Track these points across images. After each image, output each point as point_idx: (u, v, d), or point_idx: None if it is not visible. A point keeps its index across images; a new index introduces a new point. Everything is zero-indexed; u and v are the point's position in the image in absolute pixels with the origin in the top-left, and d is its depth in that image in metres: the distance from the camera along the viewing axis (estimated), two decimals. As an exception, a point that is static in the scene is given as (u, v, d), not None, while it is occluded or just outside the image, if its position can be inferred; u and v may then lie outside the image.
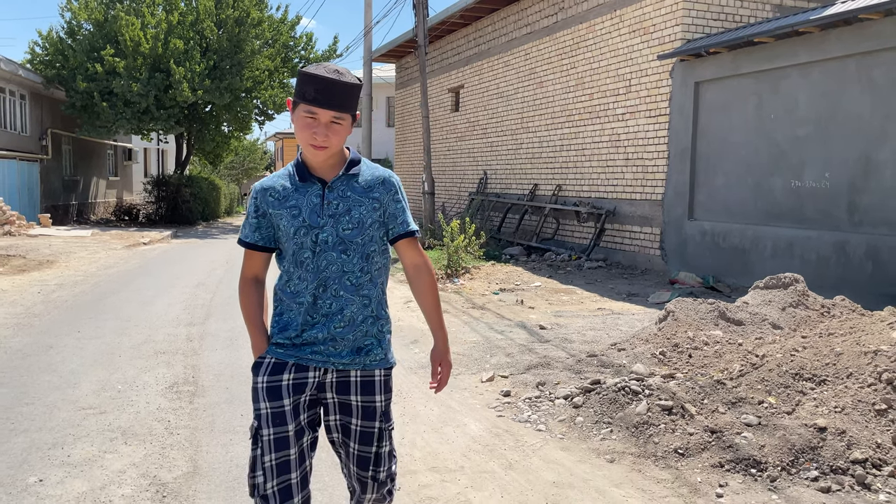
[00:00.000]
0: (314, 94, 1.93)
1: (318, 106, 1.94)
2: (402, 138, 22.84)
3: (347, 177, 2.07)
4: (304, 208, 2.04)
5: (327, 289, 2.05)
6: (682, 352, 5.17)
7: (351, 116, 2.00)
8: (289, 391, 2.03)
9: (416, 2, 14.39)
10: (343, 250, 2.04)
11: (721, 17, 10.63)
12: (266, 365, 2.06)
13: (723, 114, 9.87)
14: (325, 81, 1.93)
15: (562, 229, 13.49)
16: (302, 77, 1.97)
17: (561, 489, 3.19)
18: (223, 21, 21.52)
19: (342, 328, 2.05)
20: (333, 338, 2.05)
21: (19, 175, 20.28)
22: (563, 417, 4.08)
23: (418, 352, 5.84)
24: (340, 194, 2.05)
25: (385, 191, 2.09)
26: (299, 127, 1.99)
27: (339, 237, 2.03)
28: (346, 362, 2.07)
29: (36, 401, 4.45)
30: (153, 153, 36.18)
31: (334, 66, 1.98)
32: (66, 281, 9.58)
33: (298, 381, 2.05)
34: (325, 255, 2.04)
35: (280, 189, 2.07)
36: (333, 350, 2.06)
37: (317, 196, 2.05)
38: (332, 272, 2.04)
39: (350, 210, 2.04)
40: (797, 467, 3.32)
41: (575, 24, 13.06)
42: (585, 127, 12.80)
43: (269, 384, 2.03)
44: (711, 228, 10.01)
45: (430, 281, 2.17)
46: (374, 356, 2.10)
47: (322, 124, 1.96)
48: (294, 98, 2.00)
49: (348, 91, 1.95)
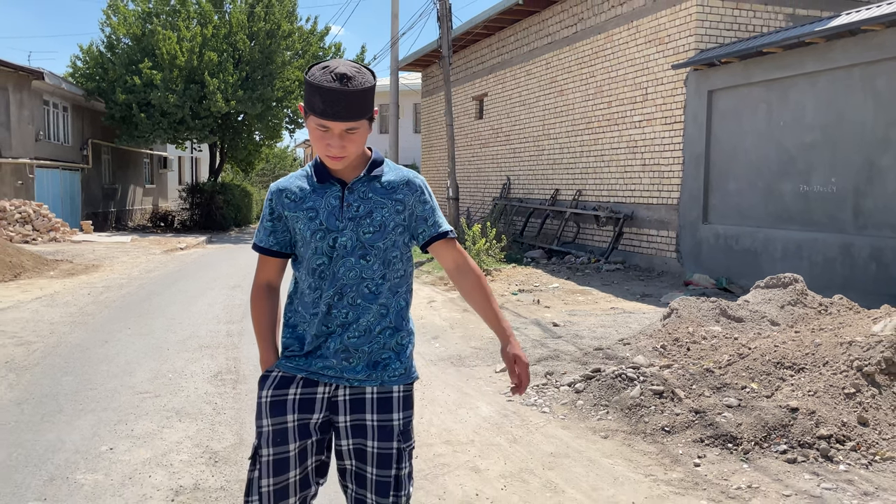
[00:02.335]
0: (322, 107, 1.78)
1: (328, 119, 1.79)
2: (427, 145, 23.39)
3: (369, 178, 1.93)
4: (321, 210, 1.91)
5: (343, 297, 1.90)
6: (681, 345, 5.58)
7: (367, 119, 1.85)
8: (294, 407, 1.89)
9: (441, 15, 14.92)
10: (363, 255, 1.90)
11: (734, 27, 10.98)
12: (273, 378, 1.94)
13: (735, 121, 10.22)
14: (331, 93, 1.77)
15: (582, 233, 13.89)
16: (308, 87, 1.81)
17: (557, 458, 3.66)
18: (255, 33, 22.31)
19: (356, 338, 1.90)
20: (346, 349, 1.90)
21: (62, 184, 21.25)
22: (566, 401, 4.54)
23: (438, 346, 6.34)
24: (361, 196, 1.91)
25: (410, 192, 1.95)
26: (314, 139, 1.86)
27: (359, 241, 1.89)
28: (361, 378, 1.91)
29: (98, 386, 5.03)
30: (187, 161, 37.26)
31: (342, 69, 1.80)
32: (112, 283, 10.25)
33: (306, 397, 1.91)
34: (343, 261, 1.90)
35: (297, 190, 1.95)
36: (347, 364, 1.91)
37: (336, 198, 1.91)
38: (351, 279, 1.90)
39: (371, 213, 1.90)
40: (769, 442, 3.74)
41: (594, 35, 13.49)
42: (604, 134, 13.20)
43: (272, 398, 1.91)
44: (725, 231, 10.35)
45: (476, 279, 2.01)
46: (393, 371, 1.93)
47: (336, 135, 1.82)
48: (304, 107, 1.86)
49: (360, 98, 1.79)
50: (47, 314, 7.70)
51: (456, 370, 5.53)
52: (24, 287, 9.66)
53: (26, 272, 10.89)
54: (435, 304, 8.26)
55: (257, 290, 2.04)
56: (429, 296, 8.73)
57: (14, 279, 10.38)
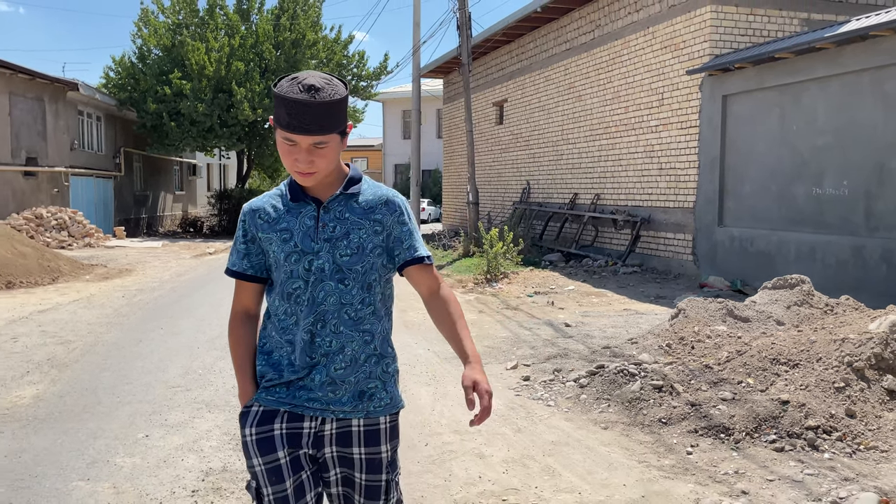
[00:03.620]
0: (288, 119, 1.70)
1: (293, 132, 1.70)
2: (449, 150, 23.70)
3: (345, 196, 1.85)
4: (296, 231, 1.82)
5: (326, 324, 1.81)
6: (686, 344, 5.79)
7: (339, 134, 1.77)
8: (283, 441, 1.80)
9: (461, 24, 15.23)
10: (341, 279, 1.81)
11: (749, 32, 11.12)
12: (254, 415, 1.83)
13: (749, 125, 10.37)
14: (297, 105, 1.68)
15: (600, 236, 14.08)
16: (276, 99, 1.73)
17: (557, 446, 3.91)
18: (281, 43, 22.84)
19: (343, 369, 1.82)
20: (333, 381, 1.81)
21: (96, 191, 21.94)
22: (570, 395, 4.79)
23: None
24: (337, 216, 1.83)
25: (388, 212, 1.86)
26: (281, 152, 1.77)
27: (336, 264, 1.81)
28: (348, 410, 1.83)
29: (134, 381, 5.39)
30: (216, 168, 38.06)
31: (311, 80, 1.71)
32: (144, 286, 10.70)
33: (293, 432, 1.82)
34: (321, 286, 1.81)
35: (270, 210, 1.86)
36: (333, 396, 1.82)
37: (311, 218, 1.82)
38: (331, 304, 1.81)
39: (348, 234, 1.82)
40: (759, 433, 3.95)
41: (611, 41, 13.69)
42: (622, 138, 13.39)
43: (258, 436, 1.80)
44: (740, 234, 10.49)
45: (448, 302, 1.90)
46: (379, 401, 1.87)
47: (303, 150, 1.73)
48: (273, 120, 1.76)
49: (327, 110, 1.71)
50: (85, 315, 8.12)
51: (469, 367, 5.80)
52: (62, 290, 10.14)
53: (63, 276, 11.39)
54: (452, 306, 8.55)
55: (233, 318, 1.93)
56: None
57: (52, 283, 10.87)
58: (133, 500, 3.32)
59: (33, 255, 11.69)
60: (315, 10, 23.97)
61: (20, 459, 3.81)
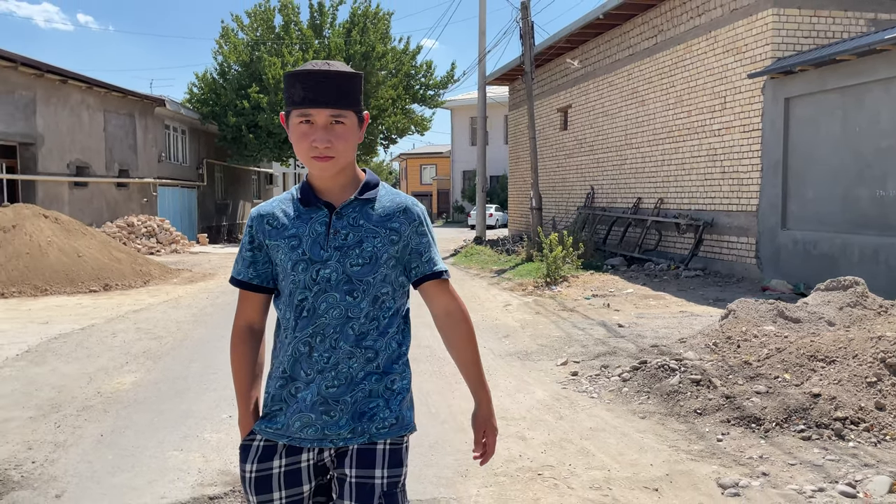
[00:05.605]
0: (303, 94, 1.62)
1: (310, 106, 1.62)
2: (515, 156, 24.03)
3: (361, 202, 1.72)
4: (305, 238, 1.70)
5: (325, 338, 1.68)
6: (732, 343, 5.98)
7: (355, 114, 1.68)
8: (280, 483, 1.69)
9: (523, 33, 15.59)
10: (349, 291, 1.68)
11: (812, 34, 11.06)
12: (255, 449, 1.72)
13: (811, 128, 10.33)
14: (313, 76, 1.62)
15: (663, 240, 14.14)
16: (287, 80, 1.66)
17: (595, 432, 4.25)
18: (352, 56, 23.73)
19: (335, 388, 1.67)
20: (325, 400, 1.67)
21: (181, 200, 23.34)
22: (613, 388, 5.10)
23: (507, 343, 6.99)
24: (351, 222, 1.70)
25: (407, 221, 1.74)
26: (296, 138, 1.67)
27: (345, 274, 1.68)
28: (347, 435, 1.68)
29: (218, 371, 6.01)
30: (290, 177, 39.65)
31: (323, 61, 1.67)
32: (226, 290, 11.51)
33: (291, 468, 1.70)
34: (326, 297, 1.68)
35: (280, 215, 1.74)
36: (329, 419, 1.67)
37: (322, 224, 1.70)
38: (333, 317, 1.68)
39: (362, 242, 1.69)
40: (789, 423, 4.18)
41: (673, 46, 13.78)
42: (685, 142, 13.45)
43: (257, 475, 1.70)
44: (803, 237, 10.45)
45: (466, 330, 1.79)
46: (382, 421, 1.69)
47: (320, 128, 1.64)
48: (285, 108, 1.69)
49: (344, 82, 1.64)
50: (174, 314, 8.91)
51: (521, 363, 6.17)
52: (153, 292, 11.05)
53: (154, 279, 12.36)
54: (510, 308, 8.91)
55: (235, 333, 1.81)
56: (506, 300, 9.39)
57: (144, 285, 11.83)
58: (219, 466, 3.86)
59: (127, 260, 12.72)
60: (384, 23, 24.78)
61: (124, 434, 4.42)
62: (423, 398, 5.04)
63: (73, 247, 11.92)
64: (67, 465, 3.87)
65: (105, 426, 4.55)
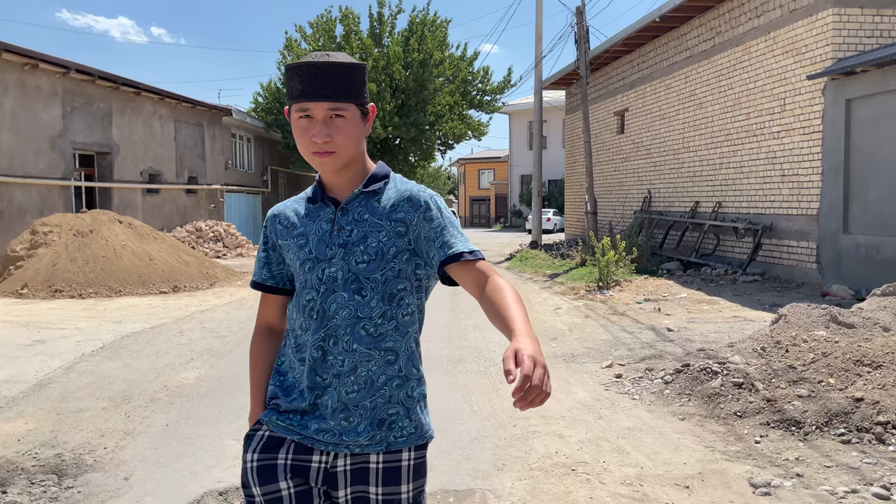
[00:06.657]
0: (301, 87, 1.56)
1: (308, 100, 1.56)
2: (571, 160, 23.97)
3: (366, 195, 1.65)
4: (311, 237, 1.65)
5: (338, 340, 1.60)
6: (781, 347, 5.94)
7: (358, 107, 1.60)
8: (286, 472, 1.61)
9: (578, 37, 15.61)
10: (357, 290, 1.60)
11: (875, 33, 10.76)
12: (259, 438, 1.64)
13: (873, 129, 10.06)
14: (310, 68, 1.55)
15: (721, 245, 13.92)
16: (286, 73, 1.60)
17: (632, 431, 4.34)
18: (410, 63, 24.16)
19: (356, 392, 1.60)
20: (346, 406, 1.60)
21: (246, 206, 24.19)
22: (655, 390, 5.16)
23: (555, 346, 7.10)
24: (356, 217, 1.63)
25: (412, 209, 1.63)
26: (296, 134, 1.62)
27: (351, 273, 1.60)
28: (365, 442, 1.60)
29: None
30: (351, 182, 40.46)
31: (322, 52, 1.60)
32: (286, 291, 11.96)
33: (299, 464, 1.62)
34: (332, 297, 1.61)
35: (290, 214, 1.72)
36: (347, 424, 1.60)
37: (327, 221, 1.65)
38: (343, 318, 1.60)
39: (366, 237, 1.61)
40: (829, 426, 4.18)
41: (731, 47, 13.58)
42: (743, 145, 13.24)
43: (260, 463, 1.61)
44: (865, 242, 10.17)
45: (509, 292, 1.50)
46: (401, 430, 1.63)
47: (319, 122, 1.57)
48: (287, 103, 1.64)
49: (343, 73, 1.56)
50: (236, 315, 9.34)
51: (566, 365, 6.27)
52: (218, 294, 11.57)
53: (219, 282, 12.92)
54: (560, 311, 8.99)
55: (255, 334, 1.80)
56: (556, 304, 9.47)
57: (210, 287, 12.39)
58: (272, 455, 4.13)
59: (195, 263, 13.34)
60: (442, 31, 25.12)
61: (187, 424, 4.75)
62: (468, 396, 5.22)
63: (145, 251, 12.59)
64: (135, 451, 4.21)
65: (170, 417, 4.90)
